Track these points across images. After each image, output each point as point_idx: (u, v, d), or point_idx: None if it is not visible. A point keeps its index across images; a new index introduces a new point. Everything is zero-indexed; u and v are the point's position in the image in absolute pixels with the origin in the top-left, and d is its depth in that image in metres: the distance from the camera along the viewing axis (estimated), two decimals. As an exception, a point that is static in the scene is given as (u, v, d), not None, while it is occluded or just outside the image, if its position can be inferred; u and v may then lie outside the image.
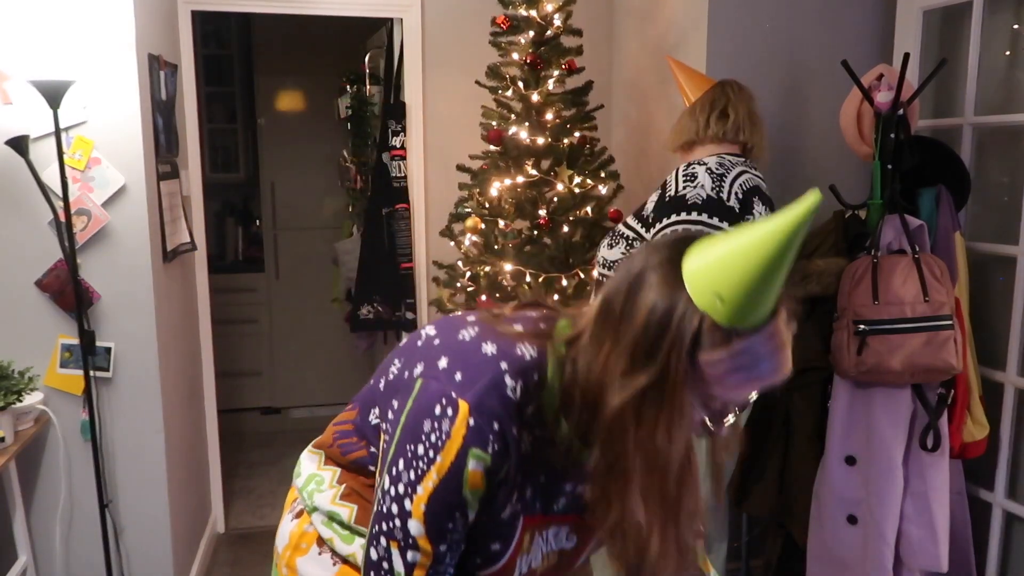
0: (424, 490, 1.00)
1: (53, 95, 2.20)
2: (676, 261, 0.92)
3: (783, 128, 2.72)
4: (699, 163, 2.04)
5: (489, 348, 1.02)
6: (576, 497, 1.13)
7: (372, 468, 1.17)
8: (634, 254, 0.99)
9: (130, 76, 2.43)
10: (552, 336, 1.05)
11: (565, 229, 2.67)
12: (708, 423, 0.98)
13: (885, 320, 2.01)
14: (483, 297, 2.68)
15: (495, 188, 2.71)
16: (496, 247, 2.71)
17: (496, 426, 0.98)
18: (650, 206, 2.09)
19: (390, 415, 1.08)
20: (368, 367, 4.96)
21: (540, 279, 2.62)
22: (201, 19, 4.68)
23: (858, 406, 2.11)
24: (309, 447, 1.32)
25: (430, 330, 1.13)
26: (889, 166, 2.14)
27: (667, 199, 2.02)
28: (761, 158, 2.20)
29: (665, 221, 1.99)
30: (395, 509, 1.02)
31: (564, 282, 2.64)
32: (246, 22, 5.02)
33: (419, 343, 1.12)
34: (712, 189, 1.97)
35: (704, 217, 1.94)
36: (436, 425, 0.99)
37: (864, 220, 2.23)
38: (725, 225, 1.95)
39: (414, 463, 1.00)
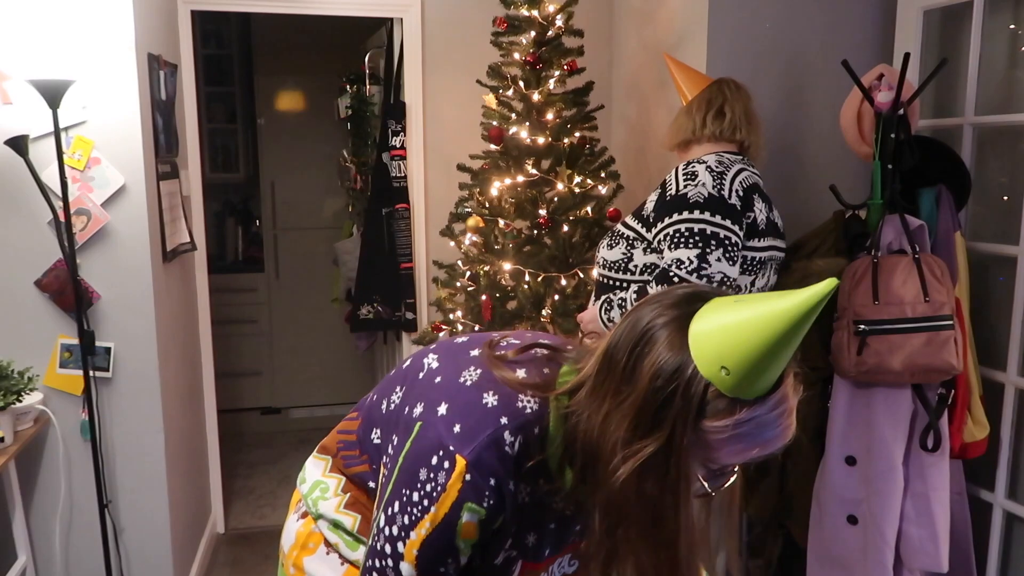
0: (417, 536, 1.00)
1: (53, 95, 2.20)
2: (684, 323, 0.91)
3: (783, 128, 2.71)
4: (698, 161, 2.04)
5: (490, 399, 1.01)
6: (581, 531, 1.14)
7: (372, 485, 1.17)
8: (641, 306, 0.96)
9: (130, 76, 2.43)
10: (555, 385, 1.03)
11: (565, 229, 2.66)
12: (705, 485, 0.97)
13: (885, 320, 2.00)
14: (483, 297, 2.68)
15: (495, 188, 2.71)
16: (496, 247, 2.71)
17: (492, 482, 0.98)
18: (650, 206, 2.09)
19: (390, 450, 1.08)
20: (368, 367, 4.96)
21: (540, 279, 2.62)
22: (201, 19, 4.68)
23: (858, 406, 2.11)
24: (315, 452, 1.32)
25: (433, 361, 1.12)
26: (889, 166, 2.14)
27: (668, 198, 2.02)
28: (759, 157, 2.19)
29: (667, 220, 1.99)
30: (388, 549, 1.02)
31: (564, 282, 2.64)
32: (246, 22, 5.02)
33: (421, 375, 1.11)
34: (713, 187, 1.97)
35: (707, 215, 1.94)
36: (432, 475, 0.99)
37: (864, 220, 2.23)
38: (728, 223, 1.95)
39: (409, 508, 1.00)
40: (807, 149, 2.74)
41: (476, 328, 2.70)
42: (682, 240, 1.94)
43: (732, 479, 1.00)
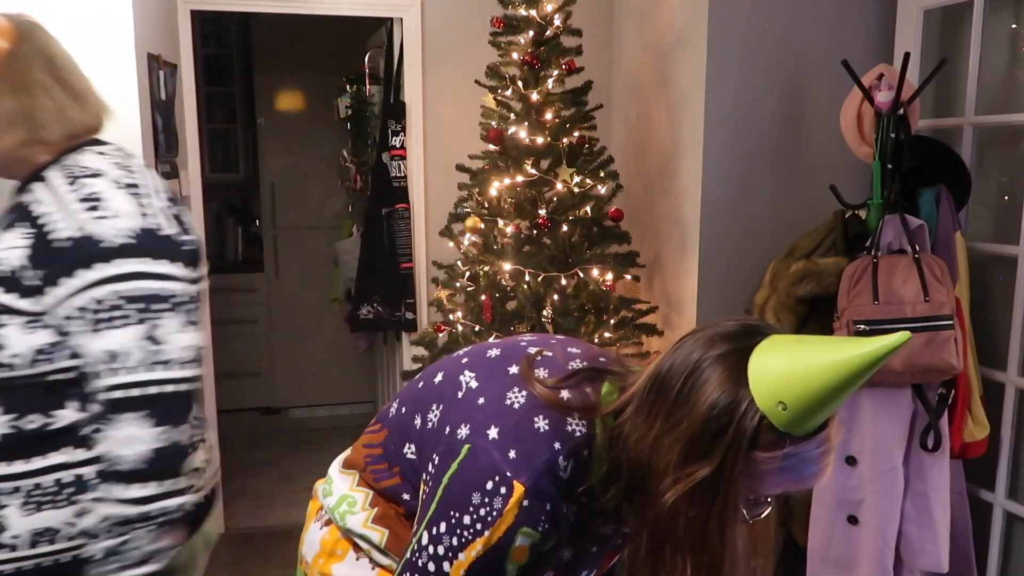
0: (466, 557, 1.00)
1: (52, 95, 2.19)
2: (743, 356, 0.92)
3: (783, 128, 2.72)
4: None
5: (541, 424, 1.02)
6: (619, 547, 1.16)
7: (406, 496, 1.17)
8: (689, 339, 0.98)
9: (129, 76, 2.43)
10: (600, 405, 1.04)
11: (564, 229, 2.66)
12: (744, 512, 0.98)
13: (885, 320, 2.00)
14: (483, 297, 2.68)
15: (495, 188, 2.71)
16: (496, 247, 2.70)
17: (548, 506, 0.99)
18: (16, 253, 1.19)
19: (431, 468, 1.07)
20: (368, 367, 4.95)
21: (539, 279, 2.62)
22: (201, 19, 4.67)
23: (858, 406, 2.11)
24: (340, 467, 1.30)
25: (471, 380, 1.11)
26: (889, 166, 2.14)
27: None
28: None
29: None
30: (432, 567, 1.02)
31: (563, 281, 2.64)
32: (246, 22, 5.02)
33: (460, 394, 1.10)
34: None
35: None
36: (487, 500, 0.99)
37: (864, 220, 2.23)
38: None
39: (458, 531, 1.00)
40: (807, 149, 2.74)
41: (476, 328, 2.70)
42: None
43: (768, 510, 1.01)
